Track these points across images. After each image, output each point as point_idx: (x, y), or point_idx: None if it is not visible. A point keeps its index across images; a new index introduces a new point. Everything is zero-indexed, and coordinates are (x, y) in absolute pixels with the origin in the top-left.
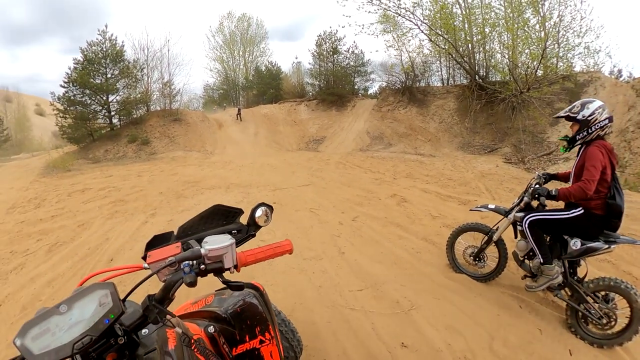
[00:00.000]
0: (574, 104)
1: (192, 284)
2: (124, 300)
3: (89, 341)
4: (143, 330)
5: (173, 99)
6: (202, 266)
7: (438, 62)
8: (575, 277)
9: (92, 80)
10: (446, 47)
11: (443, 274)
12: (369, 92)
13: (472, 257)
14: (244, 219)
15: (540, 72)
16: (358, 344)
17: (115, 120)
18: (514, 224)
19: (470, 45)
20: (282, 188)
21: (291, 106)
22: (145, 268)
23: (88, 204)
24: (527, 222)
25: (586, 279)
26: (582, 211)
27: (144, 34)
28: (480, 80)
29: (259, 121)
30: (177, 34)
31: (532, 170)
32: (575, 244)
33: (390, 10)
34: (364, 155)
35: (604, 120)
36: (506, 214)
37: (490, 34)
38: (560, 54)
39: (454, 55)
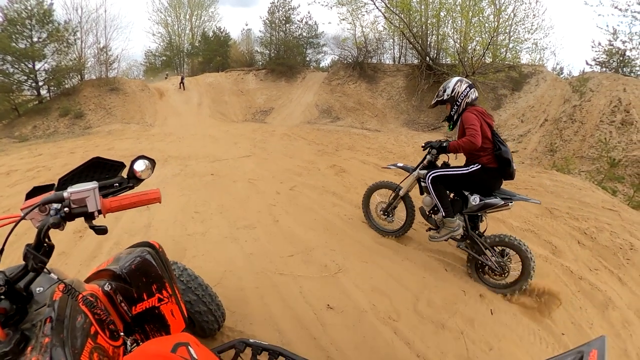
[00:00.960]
0: (438, 90)
1: (56, 225)
2: (1, 251)
3: None
4: (37, 289)
5: (110, 67)
6: (66, 209)
7: (391, 40)
8: (477, 232)
9: (14, 44)
10: (400, 26)
11: (373, 239)
12: (320, 65)
13: (382, 213)
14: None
15: (488, 60)
16: (285, 308)
17: (44, 92)
18: (419, 180)
19: (424, 27)
20: (221, 159)
21: (238, 75)
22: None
23: (14, 187)
24: (430, 178)
25: (485, 234)
26: (479, 166)
27: None
28: (430, 61)
29: (203, 90)
30: None
31: None
32: (475, 199)
33: None
34: (311, 127)
35: (465, 89)
36: (412, 171)
37: (445, 18)
38: (510, 46)
39: (407, 35)
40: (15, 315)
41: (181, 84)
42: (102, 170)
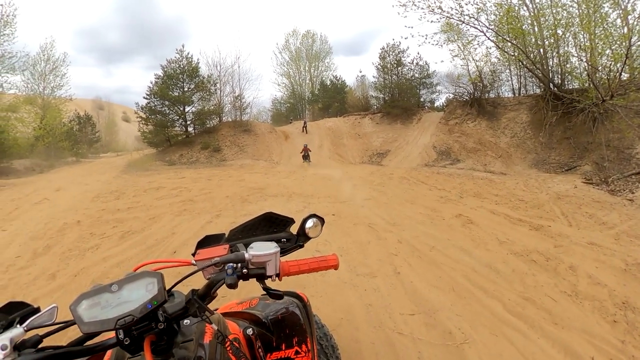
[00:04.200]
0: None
1: (232, 286)
2: (169, 290)
3: (130, 320)
4: (185, 321)
5: (243, 111)
6: (245, 270)
7: (508, 70)
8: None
9: (170, 93)
10: (515, 53)
11: (505, 308)
12: (435, 105)
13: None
14: (294, 229)
15: (625, 76)
16: None
17: (190, 129)
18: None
19: (541, 50)
20: (342, 201)
21: (355, 119)
22: (193, 264)
23: (160, 200)
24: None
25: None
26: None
27: (216, 52)
28: (555, 88)
29: (323, 134)
30: (246, 52)
31: (616, 193)
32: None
33: (453, 18)
34: (430, 170)
35: (304, 145)
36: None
37: (563, 36)
38: None
39: (524, 62)
40: (163, 344)
41: (304, 128)
42: (271, 224)
